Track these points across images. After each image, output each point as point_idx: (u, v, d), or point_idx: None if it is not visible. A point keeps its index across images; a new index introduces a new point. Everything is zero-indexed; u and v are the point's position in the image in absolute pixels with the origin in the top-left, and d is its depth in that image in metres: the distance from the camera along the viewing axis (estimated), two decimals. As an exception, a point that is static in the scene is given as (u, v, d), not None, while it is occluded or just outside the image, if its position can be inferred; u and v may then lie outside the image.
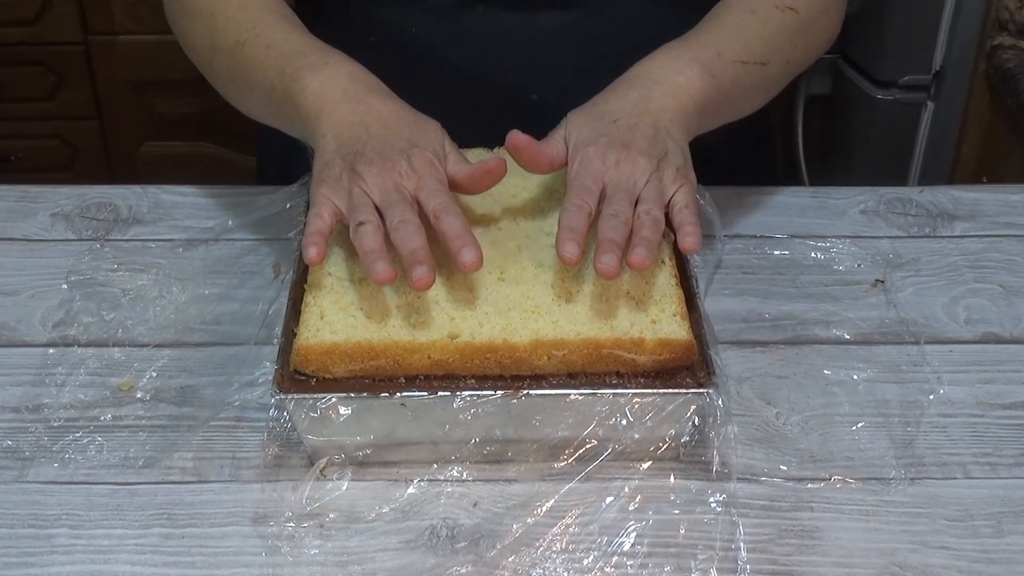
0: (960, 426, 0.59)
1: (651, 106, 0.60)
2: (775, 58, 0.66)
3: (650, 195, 0.57)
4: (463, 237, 0.54)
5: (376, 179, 0.56)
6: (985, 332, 0.66)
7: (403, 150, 0.58)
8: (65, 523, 0.54)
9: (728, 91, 0.64)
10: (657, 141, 0.59)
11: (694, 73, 0.62)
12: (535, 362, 0.54)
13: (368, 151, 0.57)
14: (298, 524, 0.53)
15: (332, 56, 0.63)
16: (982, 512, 0.55)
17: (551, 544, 0.52)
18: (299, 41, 0.65)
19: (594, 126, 0.59)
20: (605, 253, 0.53)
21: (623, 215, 0.55)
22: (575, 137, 0.60)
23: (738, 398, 0.60)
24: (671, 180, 0.58)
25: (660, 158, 0.58)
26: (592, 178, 0.57)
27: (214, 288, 0.68)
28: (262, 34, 0.65)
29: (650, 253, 0.54)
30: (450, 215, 0.55)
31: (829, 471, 0.56)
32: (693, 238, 0.56)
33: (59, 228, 0.73)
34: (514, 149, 0.59)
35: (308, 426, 0.54)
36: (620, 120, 0.59)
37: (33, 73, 1.49)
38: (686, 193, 0.58)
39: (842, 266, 0.70)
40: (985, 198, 0.76)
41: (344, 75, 0.61)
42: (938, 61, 1.24)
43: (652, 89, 0.61)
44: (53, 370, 0.62)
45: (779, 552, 0.53)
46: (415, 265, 0.53)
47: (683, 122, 0.61)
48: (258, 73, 0.64)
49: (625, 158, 0.58)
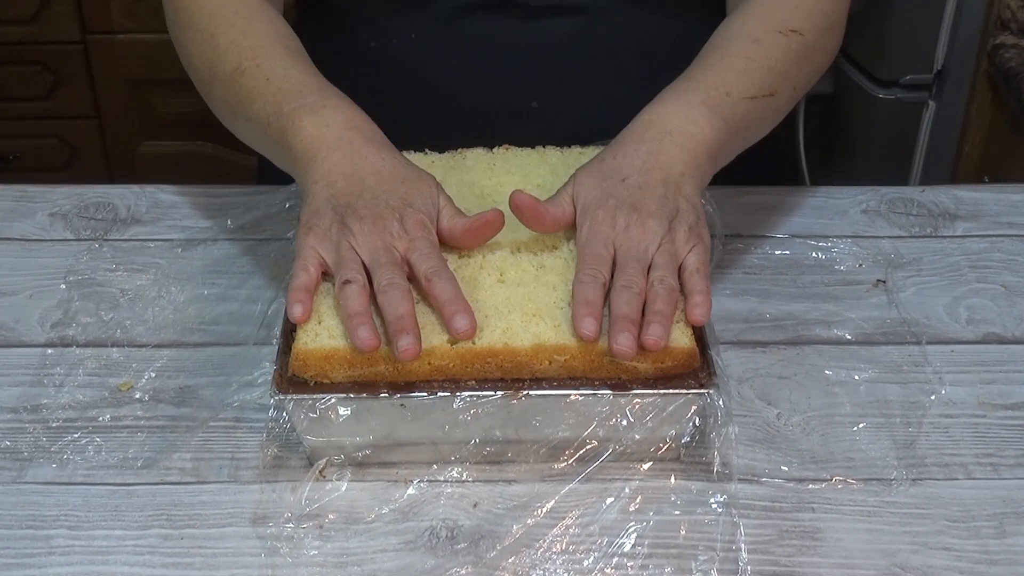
0: (962, 427, 0.59)
1: (661, 160, 0.58)
2: (783, 87, 0.64)
3: (663, 260, 0.55)
4: (456, 303, 0.53)
5: (366, 237, 0.55)
6: (987, 332, 0.65)
7: (396, 209, 0.56)
8: (63, 524, 0.54)
9: (740, 130, 0.62)
10: (668, 200, 0.57)
11: (705, 120, 0.60)
12: (536, 367, 0.53)
13: (360, 206, 0.56)
14: (297, 525, 0.53)
15: (331, 99, 0.61)
16: (984, 513, 0.55)
17: (551, 545, 0.52)
18: (299, 78, 0.62)
19: (603, 186, 0.58)
20: (621, 332, 0.52)
21: (636, 286, 0.54)
22: (583, 198, 0.58)
23: (739, 398, 0.60)
24: (683, 241, 0.56)
25: (672, 218, 0.56)
26: (603, 244, 0.56)
27: (213, 288, 0.67)
28: (263, 65, 0.63)
29: (665, 331, 0.53)
30: (442, 279, 0.54)
31: (830, 472, 0.56)
32: (702, 309, 0.54)
33: (57, 228, 0.73)
34: (517, 210, 0.57)
35: (307, 427, 0.54)
36: (629, 179, 0.57)
37: (31, 72, 1.48)
38: (698, 255, 0.56)
39: (843, 266, 0.70)
40: (987, 198, 0.76)
41: (342, 121, 0.59)
42: (940, 60, 1.24)
43: (662, 141, 0.59)
44: (51, 370, 0.62)
45: (780, 553, 0.52)
46: (401, 334, 0.52)
47: (695, 175, 0.59)
48: (255, 106, 0.62)
49: (636, 222, 0.56)
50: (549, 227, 0.58)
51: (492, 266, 0.58)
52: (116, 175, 1.56)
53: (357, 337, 0.52)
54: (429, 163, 0.66)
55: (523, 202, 0.57)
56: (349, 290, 0.54)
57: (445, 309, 0.53)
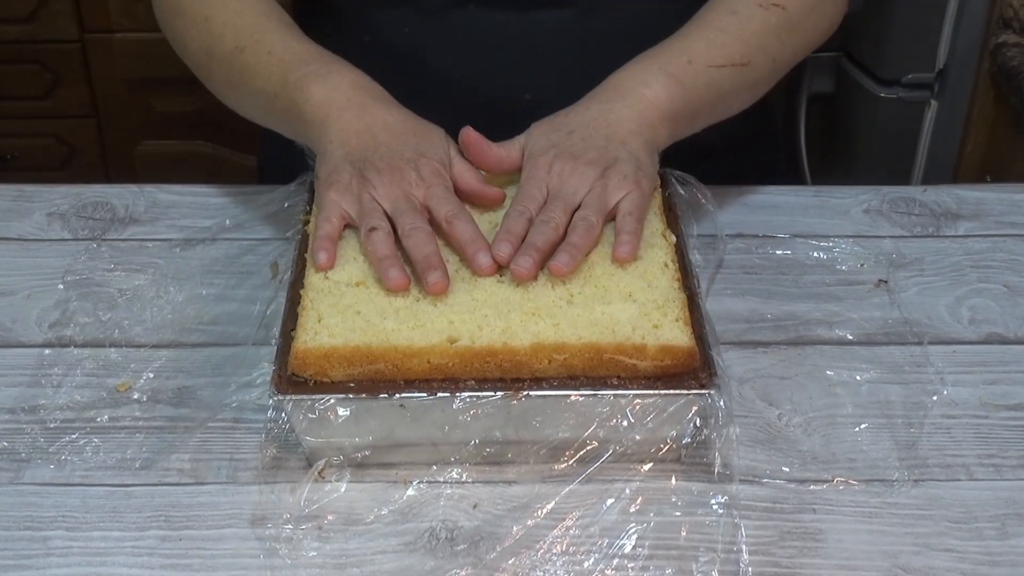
0: (964, 427, 0.59)
1: (610, 118, 0.61)
2: (757, 58, 0.66)
3: (590, 201, 0.58)
4: (477, 242, 0.56)
5: (386, 188, 0.58)
6: (989, 332, 0.65)
7: (411, 159, 0.59)
8: (61, 525, 0.54)
9: (702, 97, 0.64)
10: (608, 151, 0.59)
11: (660, 84, 0.62)
12: (535, 366, 0.53)
13: (377, 160, 0.58)
14: (296, 526, 0.53)
15: (334, 64, 0.64)
16: (986, 514, 0.54)
17: (551, 546, 0.52)
18: (300, 48, 0.65)
19: (549, 137, 0.61)
20: (522, 255, 0.55)
21: (553, 221, 0.57)
22: (530, 146, 0.61)
23: (740, 399, 0.60)
24: (616, 187, 0.58)
25: (607, 167, 0.59)
26: (537, 186, 0.59)
27: (212, 288, 0.67)
28: (262, 41, 0.65)
29: (572, 259, 0.55)
30: (462, 221, 0.57)
31: (832, 473, 0.56)
32: (627, 247, 0.56)
33: (55, 228, 0.73)
34: (463, 145, 0.61)
35: (306, 427, 0.54)
36: (575, 132, 0.60)
37: (29, 71, 1.48)
38: (632, 200, 0.58)
39: (845, 266, 0.70)
40: (989, 197, 0.76)
41: (348, 83, 0.62)
42: (942, 59, 1.24)
43: (615, 102, 0.62)
44: (49, 371, 0.62)
45: (781, 554, 0.52)
46: (430, 270, 0.54)
47: (643, 133, 0.61)
48: (259, 80, 0.64)
49: (570, 169, 0.59)
50: (492, 166, 0.61)
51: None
52: (114, 175, 1.55)
53: (388, 278, 0.55)
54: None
55: (471, 139, 0.61)
56: (376, 236, 0.56)
57: (467, 248, 0.56)
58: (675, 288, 0.57)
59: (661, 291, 0.57)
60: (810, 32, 0.69)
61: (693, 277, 0.59)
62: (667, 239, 0.60)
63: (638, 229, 0.57)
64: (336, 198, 0.58)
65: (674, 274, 0.58)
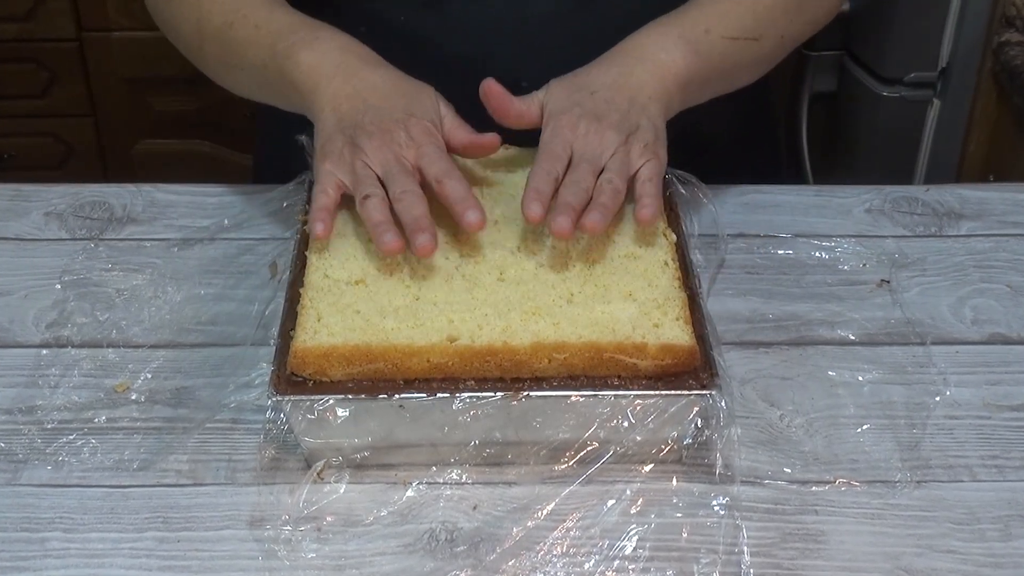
0: (967, 428, 0.59)
1: (631, 81, 0.61)
2: (768, 33, 0.67)
3: (614, 166, 0.59)
4: (467, 200, 0.56)
5: (377, 152, 0.58)
6: (992, 333, 0.65)
7: (400, 120, 0.59)
8: (58, 526, 0.53)
9: (716, 67, 0.65)
10: (630, 116, 0.60)
11: (679, 51, 0.63)
12: (535, 365, 0.53)
13: (367, 123, 0.59)
14: (295, 527, 0.53)
15: (322, 31, 0.64)
16: (989, 515, 0.54)
17: (552, 548, 0.52)
18: (287, 19, 0.65)
19: (571, 96, 0.61)
20: (560, 215, 0.55)
21: (584, 183, 0.57)
22: (551, 104, 0.61)
23: (741, 400, 0.60)
24: (638, 154, 0.59)
25: (630, 132, 0.60)
26: (561, 145, 0.59)
27: (210, 288, 0.67)
28: (249, 15, 0.65)
29: (604, 218, 0.56)
30: (452, 179, 0.57)
31: (834, 474, 0.56)
32: (649, 210, 0.57)
33: (52, 227, 0.73)
34: (485, 96, 0.61)
35: (305, 428, 0.53)
36: (597, 93, 0.61)
37: (26, 70, 1.48)
38: (651, 168, 0.59)
39: (847, 266, 0.70)
40: (992, 197, 0.76)
41: (336, 48, 0.62)
42: (944, 58, 1.24)
43: (635, 66, 0.62)
44: (46, 371, 0.62)
45: (783, 556, 0.52)
46: (418, 233, 0.55)
47: (661, 99, 0.62)
48: (249, 53, 0.65)
49: (595, 129, 0.59)
50: (512, 119, 0.61)
51: (492, 264, 0.58)
52: (112, 174, 1.55)
53: (383, 242, 0.55)
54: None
55: (493, 91, 0.61)
56: (370, 203, 0.57)
57: (457, 206, 0.56)
58: (676, 287, 0.57)
59: (662, 290, 0.56)
60: (815, 12, 0.70)
61: (694, 276, 0.59)
62: (668, 238, 0.60)
63: (658, 194, 0.58)
64: (331, 168, 0.58)
65: (675, 273, 0.58)
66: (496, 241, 0.59)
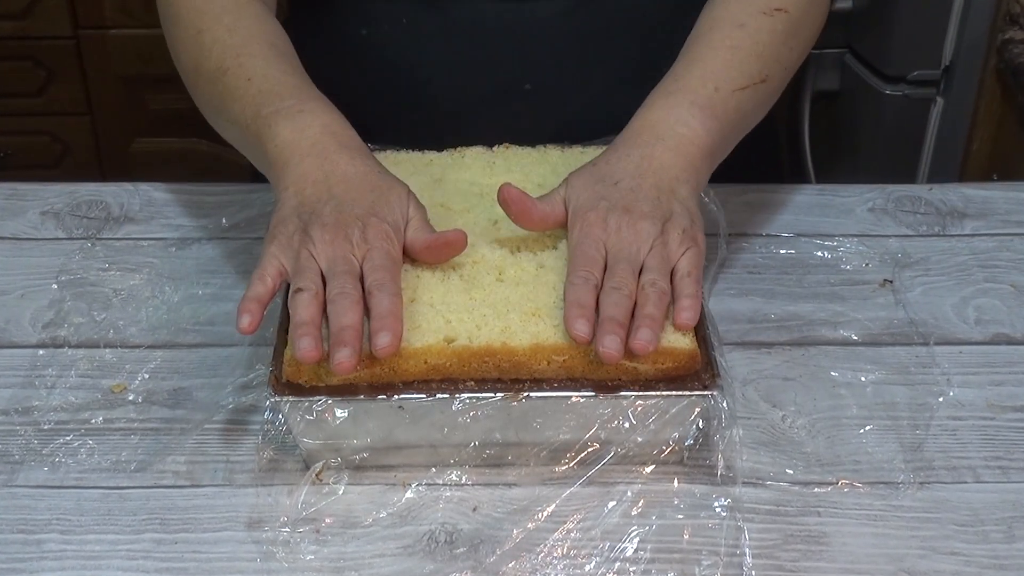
0: (970, 429, 0.58)
1: (654, 164, 0.58)
2: (774, 70, 0.64)
3: (654, 263, 0.55)
4: (385, 319, 0.52)
5: (326, 246, 0.55)
6: (996, 333, 0.65)
7: (360, 217, 0.56)
8: (55, 528, 0.53)
9: (733, 123, 0.62)
10: (661, 203, 0.57)
11: (696, 120, 0.59)
12: (534, 367, 0.53)
13: (325, 214, 0.56)
14: (293, 529, 0.52)
15: (308, 103, 0.60)
16: (992, 517, 0.54)
17: (552, 550, 0.52)
18: (280, 79, 0.62)
19: (595, 189, 0.57)
20: (607, 335, 0.51)
21: (626, 288, 0.53)
22: (575, 200, 0.58)
23: (743, 400, 0.59)
24: (676, 244, 0.56)
25: (665, 220, 0.56)
26: (595, 247, 0.55)
27: (208, 288, 0.67)
28: (245, 64, 0.62)
29: (654, 335, 0.52)
30: (383, 292, 0.53)
31: (836, 475, 0.56)
32: (689, 313, 0.54)
33: (49, 227, 0.72)
34: (504, 203, 0.57)
35: (303, 429, 0.53)
36: (622, 183, 0.57)
37: (22, 68, 1.48)
38: (691, 259, 0.56)
39: (849, 265, 0.69)
40: (996, 196, 0.75)
41: (318, 126, 0.59)
42: (948, 56, 1.23)
43: (655, 146, 0.59)
44: (43, 372, 0.61)
45: (785, 558, 0.52)
46: (339, 346, 0.51)
47: (690, 178, 0.59)
48: (235, 107, 0.62)
49: (627, 224, 0.56)
50: (536, 224, 0.58)
51: (491, 265, 0.57)
52: (109, 173, 1.55)
53: (298, 348, 0.52)
54: (428, 162, 0.65)
55: (511, 196, 0.57)
56: (299, 298, 0.53)
57: (374, 323, 0.52)
58: (677, 288, 0.56)
59: (663, 291, 0.56)
60: (810, 31, 0.69)
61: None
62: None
63: (698, 291, 0.55)
64: (275, 251, 0.55)
65: (676, 274, 0.57)
66: (495, 241, 0.59)
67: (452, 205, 0.62)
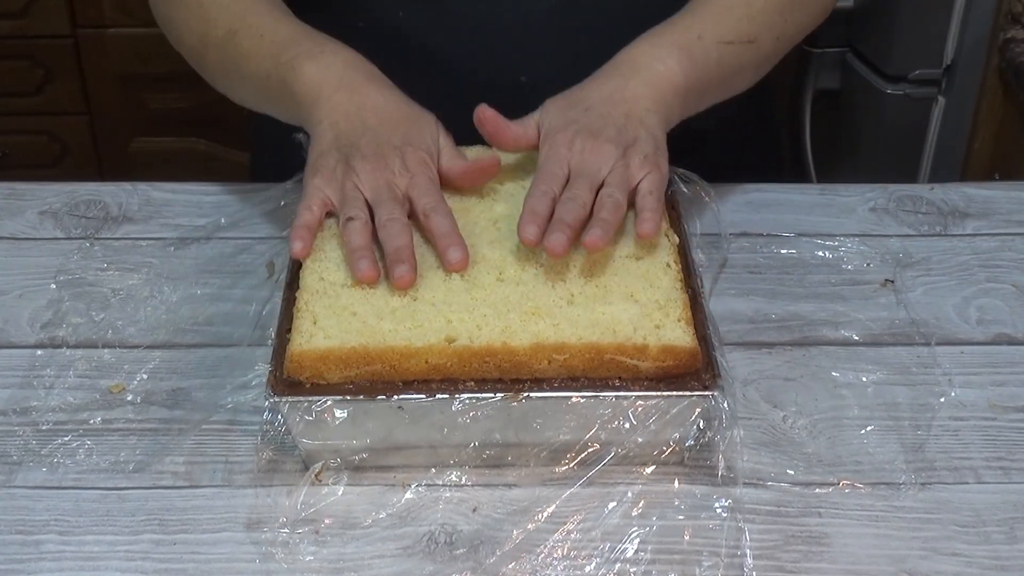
0: (972, 429, 0.58)
1: (626, 94, 0.61)
2: (764, 35, 0.66)
3: (614, 180, 0.57)
4: (450, 236, 0.56)
5: (369, 175, 0.57)
6: (998, 333, 0.64)
7: (397, 147, 0.58)
8: (54, 529, 0.53)
9: (712, 74, 0.64)
10: (627, 129, 0.59)
11: (674, 60, 0.62)
12: (535, 366, 0.53)
13: (364, 145, 0.58)
14: (293, 530, 0.52)
15: (327, 44, 0.63)
16: (994, 518, 0.54)
17: (552, 551, 0.52)
18: (292, 29, 0.65)
19: (566, 114, 0.60)
20: (553, 232, 0.54)
21: (580, 199, 0.56)
22: (547, 123, 0.61)
23: (744, 401, 0.59)
24: (638, 166, 0.58)
25: (628, 145, 0.59)
26: (558, 164, 0.58)
27: (206, 288, 0.67)
28: (254, 24, 0.65)
29: (605, 233, 0.55)
30: (439, 214, 0.57)
31: (837, 476, 0.56)
32: (650, 224, 0.56)
33: (47, 226, 0.72)
34: (479, 122, 0.60)
35: (303, 430, 0.53)
36: (592, 108, 0.60)
37: (20, 67, 1.48)
38: (653, 180, 0.58)
39: (851, 265, 0.69)
40: (997, 195, 0.75)
41: (340, 62, 0.62)
42: (949, 55, 1.23)
43: (630, 78, 0.62)
44: (41, 372, 0.61)
45: (786, 559, 0.52)
46: (397, 264, 0.54)
47: (660, 110, 0.61)
48: (252, 62, 0.64)
49: (592, 146, 0.58)
50: (510, 144, 0.61)
51: (491, 264, 0.57)
52: (107, 172, 1.55)
53: (357, 269, 0.54)
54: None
55: (486, 116, 0.60)
56: (352, 226, 0.56)
57: (440, 242, 0.56)
58: (677, 288, 0.56)
59: (663, 291, 0.56)
60: (810, 8, 0.70)
61: (696, 276, 0.58)
62: (669, 238, 0.60)
63: (659, 207, 0.58)
64: (320, 184, 0.58)
65: (676, 274, 0.57)
66: (496, 241, 0.59)
67: (452, 204, 0.62)
